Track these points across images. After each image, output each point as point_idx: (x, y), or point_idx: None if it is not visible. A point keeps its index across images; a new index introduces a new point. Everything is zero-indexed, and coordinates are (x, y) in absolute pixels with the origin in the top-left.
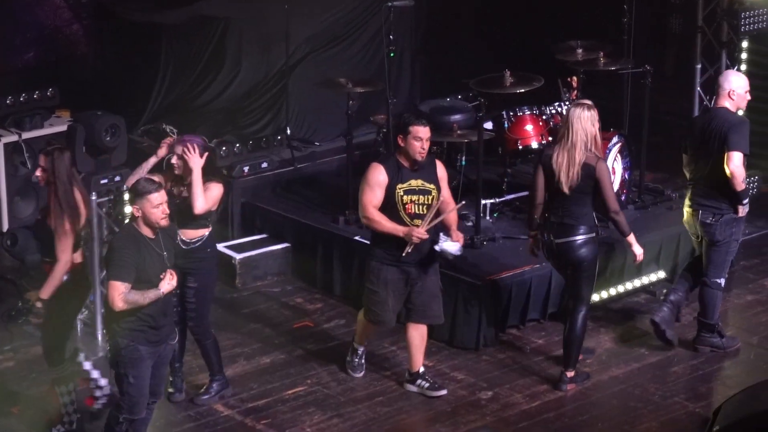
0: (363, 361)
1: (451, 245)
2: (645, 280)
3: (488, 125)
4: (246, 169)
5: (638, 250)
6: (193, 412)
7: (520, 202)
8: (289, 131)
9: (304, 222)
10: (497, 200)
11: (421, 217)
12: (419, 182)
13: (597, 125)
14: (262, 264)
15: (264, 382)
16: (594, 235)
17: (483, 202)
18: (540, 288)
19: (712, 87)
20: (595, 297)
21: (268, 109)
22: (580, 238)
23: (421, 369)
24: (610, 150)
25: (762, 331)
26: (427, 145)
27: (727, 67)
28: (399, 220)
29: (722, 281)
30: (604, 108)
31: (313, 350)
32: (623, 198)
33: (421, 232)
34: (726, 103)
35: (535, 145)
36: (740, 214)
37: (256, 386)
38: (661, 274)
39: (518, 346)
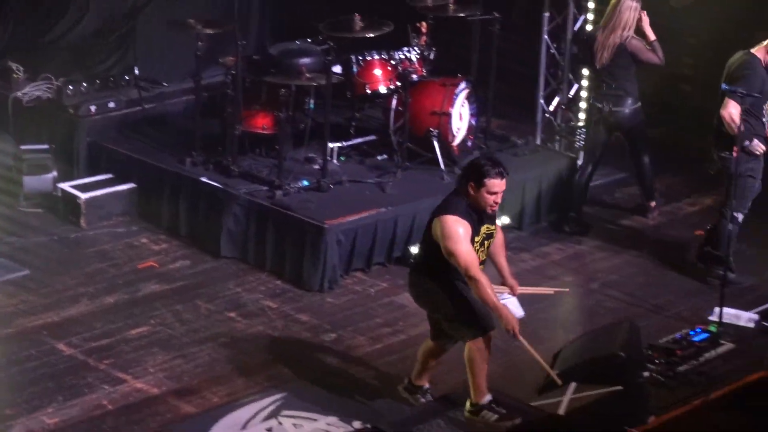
0: (503, 409)
1: (514, 306)
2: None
3: (337, 69)
4: (93, 108)
5: None
6: (35, 351)
7: (367, 146)
8: (137, 71)
9: (150, 163)
10: (345, 144)
11: (483, 262)
12: (485, 227)
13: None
14: (108, 204)
15: (107, 322)
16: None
17: (330, 145)
18: (386, 232)
19: (559, 35)
20: None
21: (117, 48)
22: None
23: (426, 385)
24: (457, 96)
25: (602, 277)
26: (500, 199)
27: (575, 17)
28: None
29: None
30: (452, 54)
31: (157, 291)
32: (469, 144)
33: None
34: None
35: (383, 89)
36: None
37: (100, 326)
38: (506, 220)
39: (363, 289)
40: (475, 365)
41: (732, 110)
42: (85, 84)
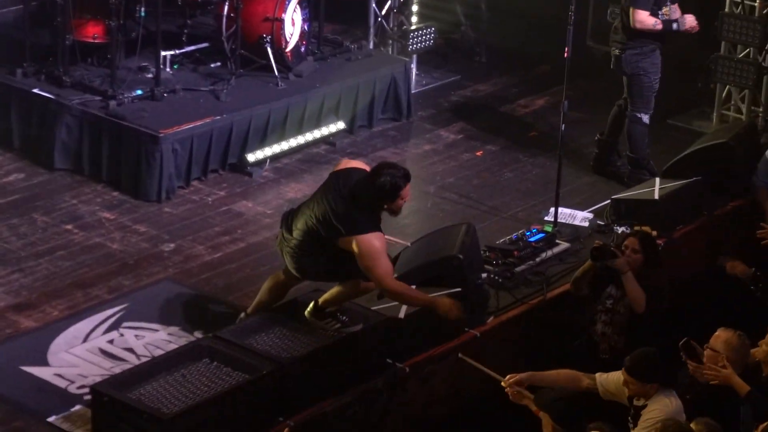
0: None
1: None
2: (324, 131)
3: None
4: None
5: None
6: None
7: (200, 53)
8: None
9: None
10: (177, 52)
11: None
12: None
13: None
14: None
15: None
16: None
17: (163, 53)
18: (221, 139)
19: None
20: (276, 148)
21: None
22: None
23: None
24: (289, 1)
25: (438, 181)
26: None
27: None
28: None
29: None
30: None
31: None
32: (303, 49)
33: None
34: None
35: None
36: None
37: None
38: (341, 125)
39: (200, 198)
40: (351, 294)
41: (642, 18)
42: None
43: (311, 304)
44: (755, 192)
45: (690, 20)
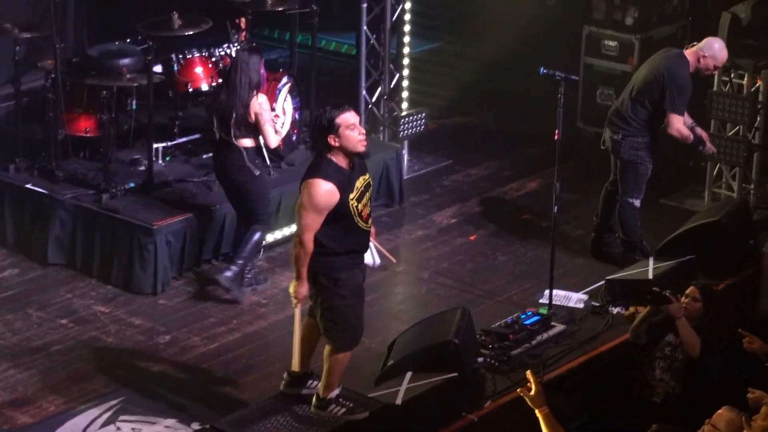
0: (350, 403)
1: (368, 255)
2: None
3: (158, 68)
4: None
5: None
6: None
7: (192, 144)
8: None
9: None
10: (169, 144)
11: (369, 215)
12: (361, 179)
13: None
14: None
15: None
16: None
17: (155, 145)
18: (215, 230)
19: (379, 26)
20: (269, 238)
21: None
22: None
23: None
24: (280, 90)
25: (433, 266)
26: (364, 131)
27: (393, 8)
28: (355, 230)
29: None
30: (274, 49)
31: None
32: (294, 138)
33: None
34: (690, 57)
35: (205, 87)
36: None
37: None
38: None
39: (195, 289)
40: (338, 365)
41: (680, 127)
42: None
43: (314, 398)
44: (763, 260)
45: (711, 148)
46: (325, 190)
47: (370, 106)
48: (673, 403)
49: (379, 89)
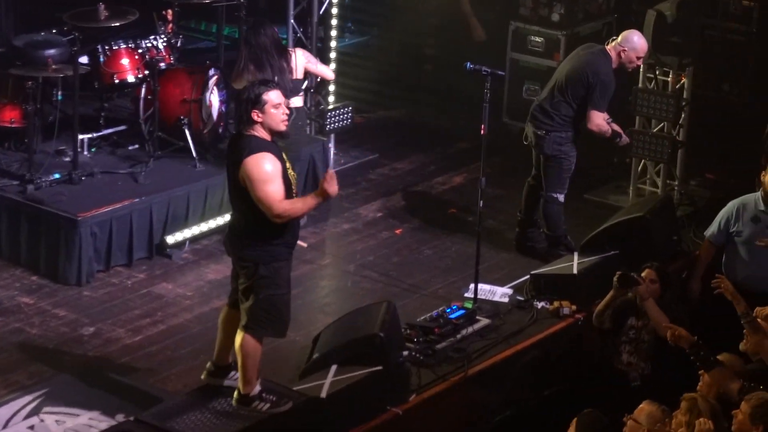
0: (273, 397)
1: None
2: None
3: (84, 60)
4: None
5: None
6: None
7: (117, 136)
8: None
9: None
10: (95, 135)
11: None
12: (284, 155)
13: None
14: None
15: None
16: None
17: (80, 137)
18: (142, 222)
19: (306, 19)
20: (195, 230)
21: None
22: None
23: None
24: (206, 83)
25: (358, 259)
26: (288, 111)
27: (320, 1)
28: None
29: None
30: (201, 41)
31: None
32: (221, 131)
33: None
34: (612, 52)
35: (131, 78)
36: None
37: None
38: None
39: (120, 281)
40: (250, 358)
41: (600, 122)
42: None
43: (235, 393)
44: (701, 247)
45: (626, 140)
46: (269, 158)
47: None
48: (649, 386)
49: (306, 82)
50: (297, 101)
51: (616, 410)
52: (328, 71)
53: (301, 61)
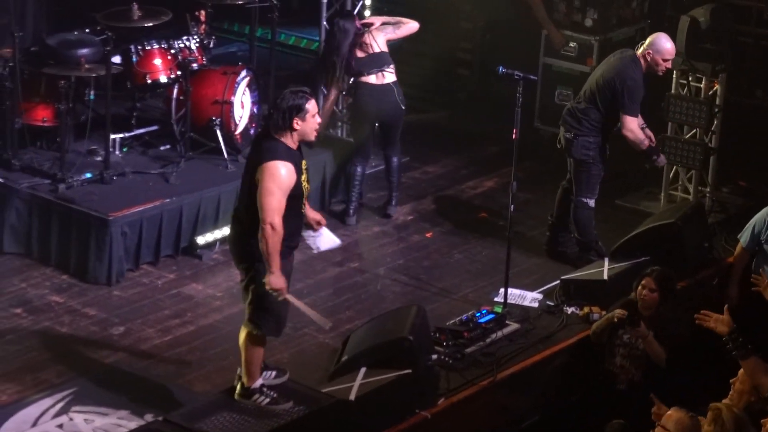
0: (274, 393)
1: (329, 237)
2: None
3: (116, 59)
4: None
5: None
6: None
7: (149, 136)
8: None
9: None
10: (126, 135)
11: (308, 195)
12: (304, 162)
13: None
14: None
15: None
16: None
17: (112, 136)
18: (171, 222)
19: None
20: (226, 231)
21: None
22: None
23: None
24: (238, 84)
25: (388, 262)
26: (320, 120)
27: (353, 2)
28: (299, 212)
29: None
30: (233, 42)
31: None
32: (252, 132)
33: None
34: (641, 58)
35: (163, 79)
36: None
37: None
38: None
39: (150, 281)
40: (253, 353)
41: (634, 128)
42: None
43: (238, 386)
44: (735, 253)
45: (663, 161)
46: (288, 170)
47: None
48: (635, 392)
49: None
50: (390, 77)
51: (599, 411)
52: (409, 27)
53: (381, 39)
